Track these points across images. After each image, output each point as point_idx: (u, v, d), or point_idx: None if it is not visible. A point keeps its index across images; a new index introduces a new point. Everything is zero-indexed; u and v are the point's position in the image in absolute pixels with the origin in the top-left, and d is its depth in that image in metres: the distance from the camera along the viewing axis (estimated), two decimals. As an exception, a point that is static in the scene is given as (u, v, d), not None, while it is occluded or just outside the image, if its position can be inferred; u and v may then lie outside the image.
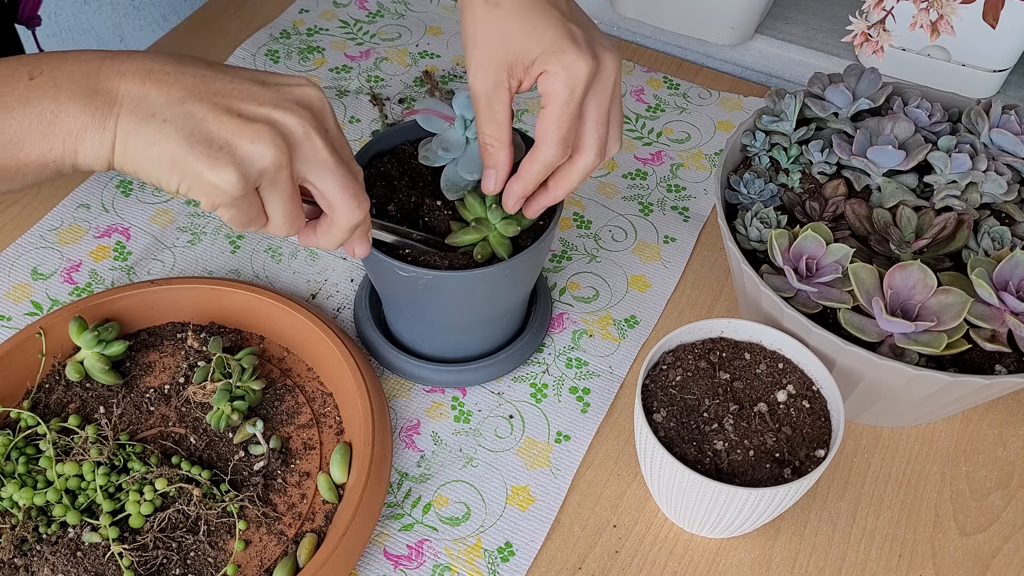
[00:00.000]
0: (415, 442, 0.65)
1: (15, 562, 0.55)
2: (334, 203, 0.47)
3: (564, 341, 0.71)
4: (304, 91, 0.46)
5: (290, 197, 0.45)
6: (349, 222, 0.48)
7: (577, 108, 0.50)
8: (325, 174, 0.46)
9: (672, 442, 0.55)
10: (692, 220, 0.81)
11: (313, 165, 0.45)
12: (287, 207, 0.46)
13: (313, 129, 0.45)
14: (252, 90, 0.44)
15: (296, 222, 0.47)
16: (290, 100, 0.45)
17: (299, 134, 0.44)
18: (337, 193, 0.46)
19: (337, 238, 0.49)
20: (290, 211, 0.46)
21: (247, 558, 0.57)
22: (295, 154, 0.44)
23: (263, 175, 0.44)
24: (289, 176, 0.45)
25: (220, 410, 0.61)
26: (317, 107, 0.46)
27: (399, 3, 1.02)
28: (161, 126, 0.42)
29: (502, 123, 0.52)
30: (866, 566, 0.60)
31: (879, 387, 0.59)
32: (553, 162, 0.52)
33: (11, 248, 0.76)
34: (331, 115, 0.47)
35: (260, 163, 0.43)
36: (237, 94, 0.44)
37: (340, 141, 0.48)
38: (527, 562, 0.59)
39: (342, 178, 0.46)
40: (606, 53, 0.51)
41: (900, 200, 0.64)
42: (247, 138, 0.43)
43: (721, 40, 0.94)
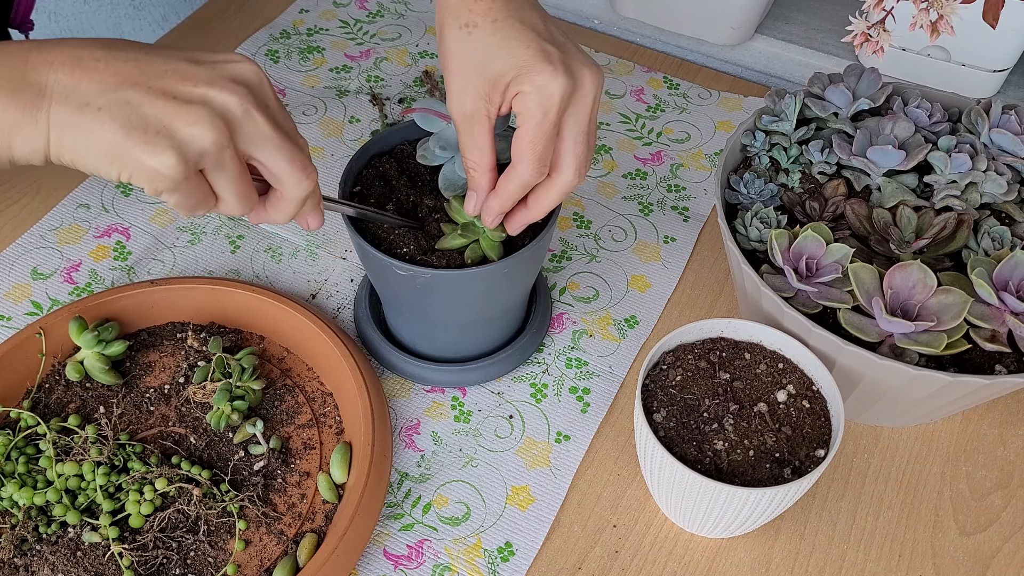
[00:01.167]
0: (415, 442, 0.65)
1: (15, 562, 0.55)
2: (282, 177, 0.47)
3: (564, 341, 0.71)
4: (240, 67, 0.45)
5: (238, 176, 0.45)
6: (299, 194, 0.47)
7: (552, 128, 0.50)
8: (270, 150, 0.45)
9: (672, 442, 0.55)
10: (692, 220, 0.81)
11: (257, 142, 0.45)
12: (236, 186, 0.45)
13: (252, 105, 0.44)
14: (187, 70, 0.44)
15: (248, 200, 0.47)
16: (226, 78, 0.44)
17: (238, 112, 0.44)
18: (284, 167, 0.46)
19: (288, 211, 0.48)
20: (240, 190, 0.46)
21: (247, 558, 0.57)
22: (236, 132, 0.44)
23: (205, 157, 0.43)
24: (233, 155, 0.44)
25: (220, 410, 0.61)
26: (254, 82, 0.46)
27: (399, 3, 1.02)
28: (96, 115, 0.42)
29: (483, 148, 0.52)
30: (866, 566, 0.60)
31: (879, 387, 0.59)
32: (529, 182, 0.52)
33: (11, 248, 0.76)
34: (270, 89, 0.47)
35: (200, 144, 0.43)
36: (171, 76, 0.43)
37: (281, 115, 0.47)
38: (527, 562, 0.59)
39: (288, 151, 0.46)
40: (584, 70, 0.50)
41: (900, 200, 0.64)
42: (185, 120, 0.42)
43: (721, 40, 0.94)
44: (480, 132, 0.51)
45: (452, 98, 0.51)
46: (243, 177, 0.46)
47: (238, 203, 0.46)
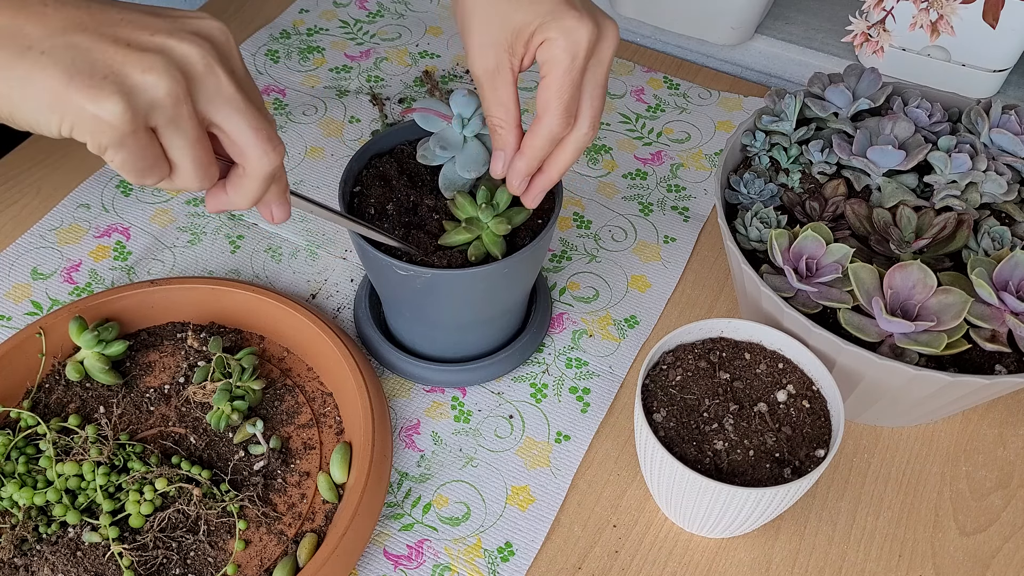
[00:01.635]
0: (415, 442, 0.65)
1: (15, 562, 0.55)
2: (245, 147, 0.42)
3: (564, 341, 0.71)
4: (205, 23, 0.42)
5: (196, 139, 0.41)
6: (263, 169, 0.43)
7: (579, 75, 0.49)
8: (233, 113, 0.41)
9: (672, 442, 0.55)
10: (692, 220, 0.81)
11: (218, 102, 0.41)
12: (194, 151, 0.41)
13: (216, 61, 0.40)
14: (145, 19, 0.40)
15: (207, 170, 0.42)
16: (189, 30, 0.41)
17: (199, 66, 0.40)
18: (249, 134, 0.42)
19: (252, 191, 0.44)
20: (198, 156, 0.41)
21: (247, 558, 0.57)
22: (196, 88, 0.40)
23: (156, 109, 0.39)
24: (190, 113, 0.40)
25: (220, 410, 0.61)
26: (220, 40, 0.42)
27: (399, 3, 1.02)
28: (38, 59, 0.38)
29: (508, 104, 0.50)
30: (866, 566, 0.60)
31: (879, 387, 0.59)
32: (557, 134, 0.50)
33: (11, 248, 0.76)
34: (237, 54, 0.43)
35: (152, 94, 0.38)
36: (128, 23, 0.40)
37: (248, 83, 0.43)
38: (527, 562, 0.59)
39: (253, 118, 0.42)
40: (606, 20, 0.49)
41: (900, 200, 0.64)
42: (138, 67, 0.38)
43: (721, 40, 0.94)
44: (504, 87, 0.50)
45: (473, 53, 0.50)
46: (201, 142, 0.41)
47: (195, 171, 0.42)
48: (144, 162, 0.40)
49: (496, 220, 0.57)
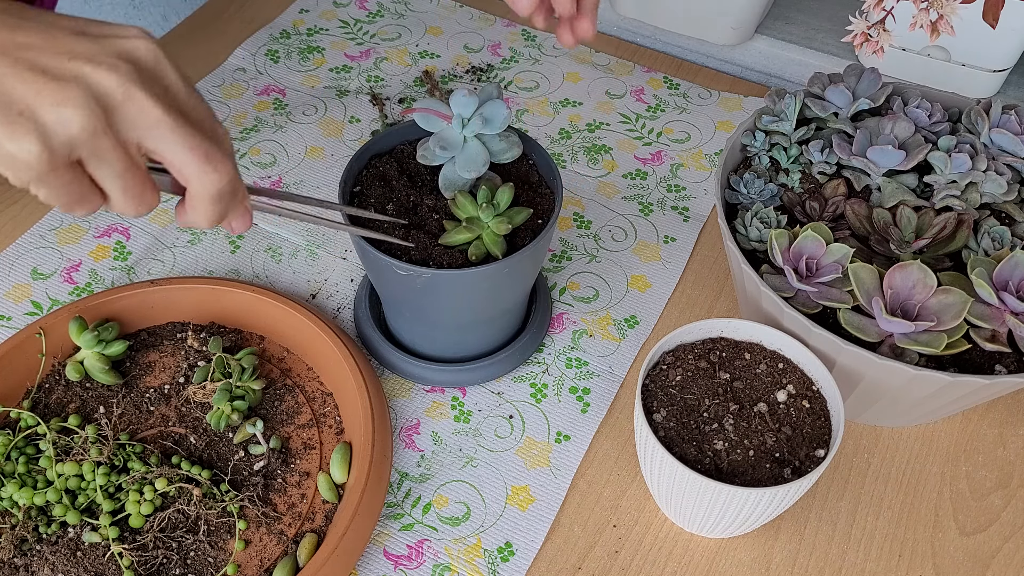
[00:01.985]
0: (415, 442, 0.65)
1: (15, 562, 0.55)
2: (183, 169, 0.40)
3: (564, 341, 0.71)
4: (130, 43, 0.40)
5: (124, 170, 0.39)
6: (206, 189, 0.41)
7: None
8: (162, 136, 0.39)
9: (672, 442, 0.55)
10: (692, 220, 0.81)
11: (144, 128, 0.39)
12: (124, 182, 0.39)
13: (136, 85, 0.38)
14: (66, 43, 0.38)
15: (142, 198, 0.41)
16: (110, 53, 0.39)
17: (117, 94, 0.38)
18: (183, 156, 0.40)
19: (204, 212, 0.42)
20: (129, 186, 0.40)
21: (247, 558, 0.57)
22: (117, 117, 0.38)
23: (75, 145, 0.37)
24: (114, 144, 0.38)
25: (220, 410, 0.61)
26: (145, 60, 0.40)
27: (399, 3, 1.02)
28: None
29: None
30: (866, 566, 0.60)
31: (879, 387, 0.59)
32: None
33: (11, 248, 0.76)
34: (169, 69, 0.41)
35: (67, 131, 0.37)
36: (47, 47, 0.38)
37: (187, 98, 0.41)
38: (527, 562, 0.59)
39: (186, 138, 0.40)
40: None
41: (900, 200, 0.64)
42: (51, 100, 0.37)
43: (721, 40, 0.94)
44: None
45: None
46: (131, 172, 0.40)
47: (127, 201, 0.40)
48: (69, 196, 0.39)
49: (497, 220, 0.57)
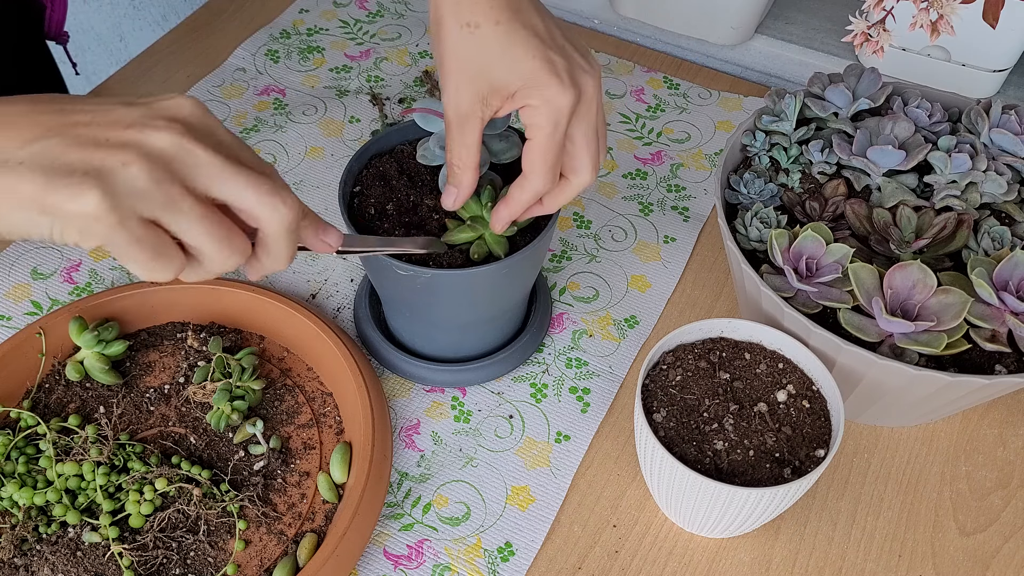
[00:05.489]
0: (415, 442, 0.65)
1: (15, 562, 0.55)
2: (254, 209, 0.41)
3: (564, 341, 0.71)
4: (175, 103, 0.42)
5: (202, 215, 0.40)
6: (280, 223, 0.42)
7: (562, 138, 0.50)
8: (225, 181, 0.41)
9: (672, 442, 0.55)
10: (692, 220, 0.81)
11: (207, 176, 0.40)
12: (205, 226, 0.40)
13: (190, 140, 0.40)
14: (116, 114, 0.40)
15: (231, 242, 0.41)
16: (161, 116, 0.41)
17: (175, 149, 0.40)
18: (252, 197, 0.41)
19: (281, 249, 0.43)
20: (212, 229, 0.40)
21: (247, 558, 0.57)
22: (181, 170, 0.40)
23: (144, 198, 0.38)
24: (183, 192, 0.39)
25: (220, 410, 0.61)
26: (192, 118, 0.42)
27: (399, 3, 1.02)
28: (15, 169, 0.38)
29: (471, 147, 0.52)
30: (866, 566, 0.60)
31: (879, 387, 0.59)
32: (541, 191, 0.53)
33: (11, 248, 0.76)
34: (219, 127, 0.43)
35: (133, 183, 0.38)
36: (99, 121, 0.40)
37: (237, 148, 0.43)
38: (527, 562, 0.59)
39: (249, 179, 0.41)
40: (586, 78, 0.50)
41: (900, 200, 0.64)
42: (113, 163, 0.38)
43: (721, 40, 0.94)
44: (471, 132, 0.51)
45: (448, 96, 0.51)
46: (210, 216, 0.40)
47: (217, 247, 0.41)
48: (144, 254, 0.39)
49: None
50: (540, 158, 0.51)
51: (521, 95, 0.49)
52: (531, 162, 0.51)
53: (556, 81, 0.49)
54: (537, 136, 0.50)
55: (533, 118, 0.50)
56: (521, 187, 0.53)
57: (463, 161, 0.53)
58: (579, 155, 0.53)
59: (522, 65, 0.49)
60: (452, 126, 0.51)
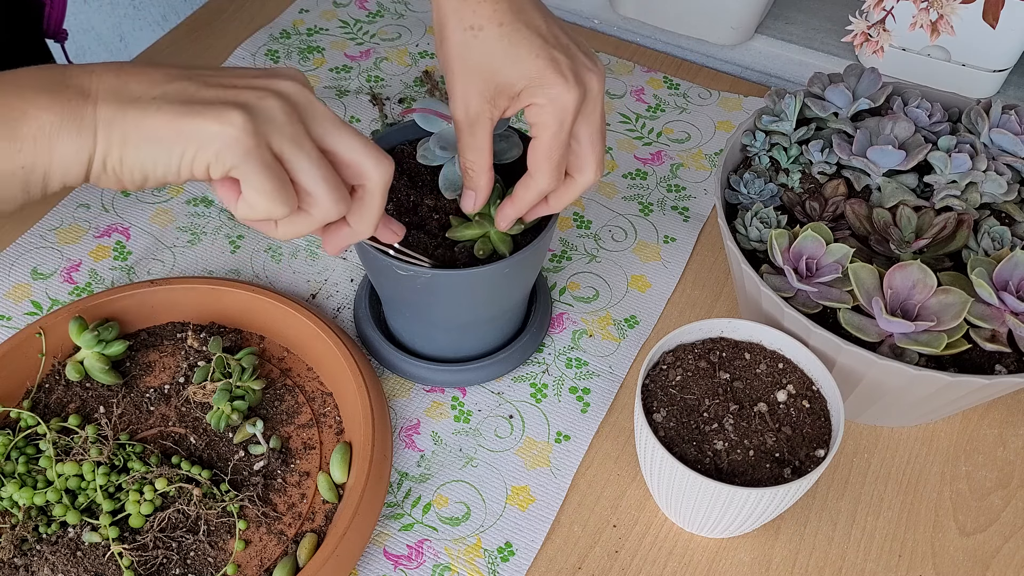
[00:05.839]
0: (415, 442, 0.65)
1: (15, 562, 0.55)
2: (362, 161, 0.44)
3: (564, 341, 0.71)
4: (289, 71, 0.45)
5: (321, 159, 0.42)
6: (383, 177, 0.45)
7: (567, 137, 0.51)
8: (340, 135, 0.43)
9: (672, 442, 0.55)
10: (692, 220, 0.81)
11: (326, 125, 0.43)
12: (324, 172, 0.42)
13: (312, 95, 0.43)
14: (239, 71, 0.43)
15: (340, 191, 0.43)
16: (278, 76, 0.44)
17: (301, 97, 0.43)
18: (362, 151, 0.44)
19: (375, 207, 0.45)
20: (328, 177, 0.43)
21: (247, 558, 0.57)
22: (304, 115, 0.42)
23: (276, 129, 0.41)
24: (306, 133, 0.42)
25: (220, 410, 0.61)
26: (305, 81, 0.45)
27: (399, 3, 1.02)
28: (149, 104, 0.39)
29: (483, 149, 0.52)
30: (866, 566, 0.60)
31: (879, 387, 0.59)
32: (547, 190, 0.53)
33: (11, 248, 0.76)
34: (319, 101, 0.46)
35: (271, 113, 0.41)
36: (224, 74, 0.42)
37: None
38: (527, 562, 0.59)
39: (357, 136, 0.44)
40: (591, 76, 0.51)
41: (900, 200, 0.64)
42: (252, 96, 0.41)
43: (721, 40, 0.94)
44: (481, 134, 0.51)
45: (456, 100, 0.51)
46: (324, 162, 0.43)
47: (329, 192, 0.43)
48: (272, 182, 0.41)
49: None
50: (545, 157, 0.51)
51: (526, 94, 0.50)
52: (536, 161, 0.51)
53: (561, 80, 0.49)
54: (542, 135, 0.50)
55: (538, 116, 0.50)
56: (526, 186, 0.53)
57: (477, 164, 0.53)
58: (584, 154, 0.53)
59: (526, 64, 0.49)
60: (463, 130, 0.52)
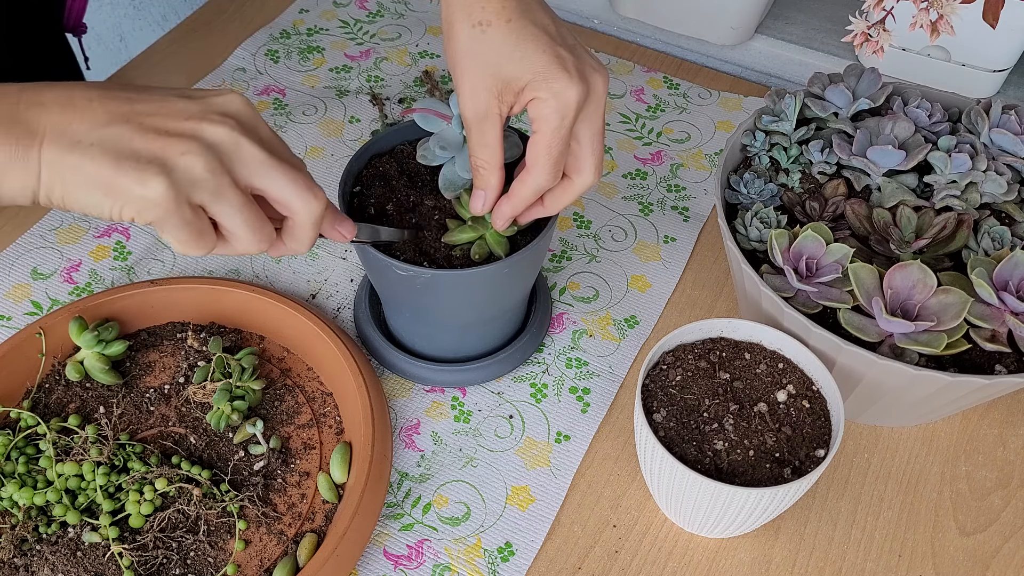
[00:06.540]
0: (415, 442, 0.65)
1: (15, 562, 0.55)
2: (289, 200, 0.46)
3: (564, 341, 0.71)
4: (228, 99, 0.46)
5: (243, 204, 0.45)
6: (311, 215, 0.47)
7: (568, 133, 0.51)
8: (269, 173, 0.45)
9: (672, 442, 0.55)
10: (692, 220, 0.81)
11: (252, 167, 0.45)
12: (243, 215, 0.45)
13: (242, 135, 0.44)
14: (177, 106, 0.45)
15: (262, 230, 0.46)
16: (216, 112, 0.45)
17: (228, 142, 0.44)
18: (288, 188, 0.46)
19: (305, 236, 0.48)
20: (248, 219, 0.45)
21: (247, 558, 0.57)
22: (231, 162, 0.44)
23: (197, 185, 0.43)
24: (231, 183, 0.44)
25: (220, 410, 0.61)
26: (244, 114, 0.46)
27: (399, 3, 1.02)
28: (87, 151, 0.42)
29: (493, 146, 0.52)
30: (866, 566, 0.60)
31: (879, 387, 0.59)
32: (544, 187, 0.53)
33: (11, 248, 0.76)
34: (262, 124, 0.47)
35: (192, 173, 0.43)
36: (163, 112, 0.44)
37: (277, 144, 0.47)
38: (527, 562, 0.59)
39: (288, 172, 0.46)
40: (595, 75, 0.51)
41: (900, 200, 0.64)
42: (176, 151, 0.43)
43: (721, 40, 0.94)
44: (491, 131, 0.51)
45: (464, 96, 0.51)
46: (249, 206, 0.45)
47: (250, 234, 0.46)
48: (190, 233, 0.44)
49: None
50: (545, 151, 0.51)
51: (530, 88, 0.50)
52: (535, 155, 0.51)
53: (565, 75, 0.49)
54: (543, 128, 0.50)
55: (540, 110, 0.50)
56: (523, 181, 0.53)
57: (487, 161, 0.53)
58: (583, 155, 0.53)
59: (532, 59, 0.49)
60: (472, 127, 0.52)
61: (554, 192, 0.54)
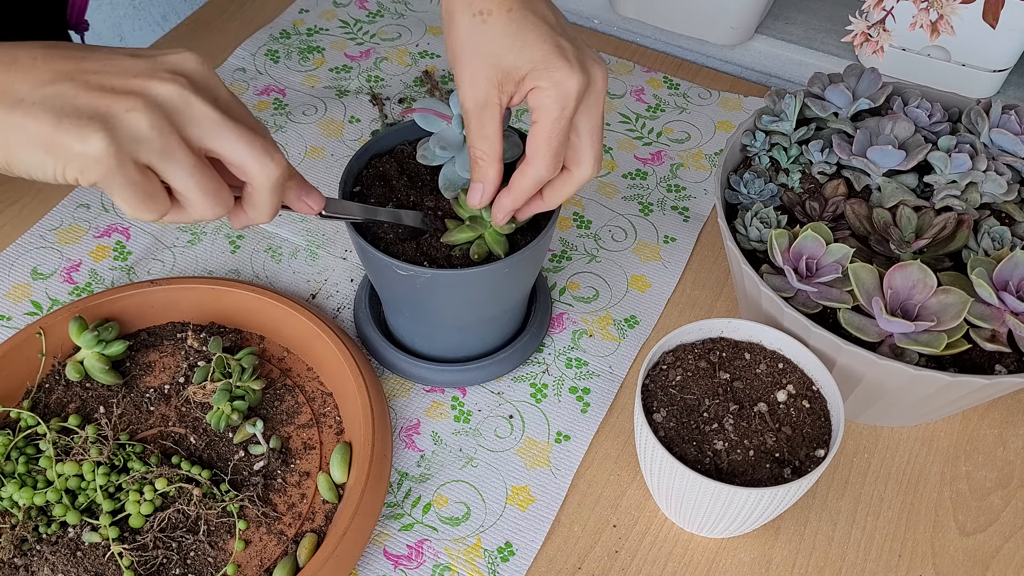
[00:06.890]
0: (415, 442, 0.65)
1: (15, 562, 0.55)
2: (244, 162, 0.44)
3: (564, 341, 0.71)
4: (180, 57, 0.44)
5: (194, 167, 0.42)
6: (268, 179, 0.44)
7: (568, 124, 0.50)
8: (221, 133, 0.43)
9: (672, 442, 0.55)
10: (692, 220, 0.81)
11: (205, 127, 0.43)
12: (194, 178, 0.43)
13: (193, 93, 0.42)
14: (124, 64, 0.43)
15: (217, 196, 0.44)
16: (166, 69, 0.43)
17: (177, 100, 0.42)
18: (244, 151, 0.43)
19: (266, 203, 0.46)
20: (200, 182, 0.43)
21: (247, 558, 0.57)
22: (179, 120, 0.42)
23: (143, 144, 0.41)
24: (179, 142, 0.42)
25: (220, 410, 0.61)
26: (197, 72, 0.44)
27: (399, 3, 1.02)
28: (29, 109, 0.40)
29: (493, 138, 0.52)
30: (866, 566, 0.60)
31: (879, 387, 0.59)
32: (544, 178, 0.52)
33: (11, 248, 0.76)
34: (219, 84, 0.45)
35: (135, 130, 0.41)
36: (109, 69, 0.42)
37: (234, 104, 0.45)
38: (527, 562, 0.59)
39: (243, 135, 0.43)
40: (595, 67, 0.51)
41: (900, 200, 0.64)
42: (121, 107, 0.41)
43: (721, 40, 0.94)
44: (491, 121, 0.51)
45: (464, 86, 0.51)
46: (200, 168, 0.43)
47: (204, 198, 0.43)
48: (136, 194, 0.42)
49: None
50: (545, 142, 0.50)
51: (531, 78, 0.49)
52: (535, 146, 0.51)
53: (565, 64, 0.49)
54: (543, 119, 0.50)
55: (540, 100, 0.50)
56: (523, 173, 0.52)
57: (486, 153, 0.52)
58: (583, 147, 0.52)
59: (533, 49, 0.49)
60: (471, 117, 0.51)
61: (553, 185, 0.54)
